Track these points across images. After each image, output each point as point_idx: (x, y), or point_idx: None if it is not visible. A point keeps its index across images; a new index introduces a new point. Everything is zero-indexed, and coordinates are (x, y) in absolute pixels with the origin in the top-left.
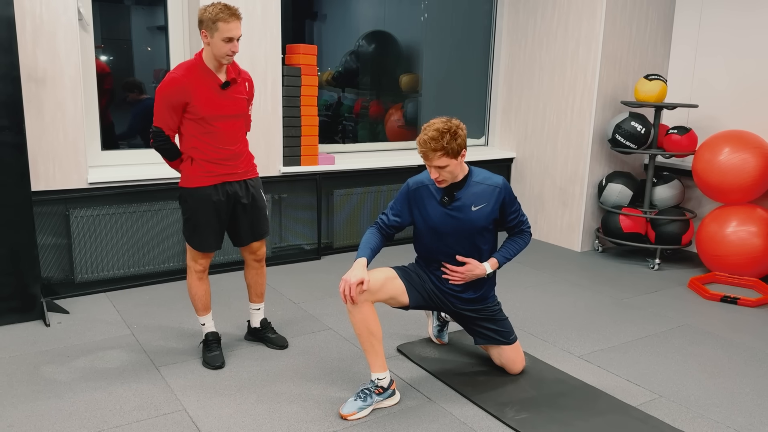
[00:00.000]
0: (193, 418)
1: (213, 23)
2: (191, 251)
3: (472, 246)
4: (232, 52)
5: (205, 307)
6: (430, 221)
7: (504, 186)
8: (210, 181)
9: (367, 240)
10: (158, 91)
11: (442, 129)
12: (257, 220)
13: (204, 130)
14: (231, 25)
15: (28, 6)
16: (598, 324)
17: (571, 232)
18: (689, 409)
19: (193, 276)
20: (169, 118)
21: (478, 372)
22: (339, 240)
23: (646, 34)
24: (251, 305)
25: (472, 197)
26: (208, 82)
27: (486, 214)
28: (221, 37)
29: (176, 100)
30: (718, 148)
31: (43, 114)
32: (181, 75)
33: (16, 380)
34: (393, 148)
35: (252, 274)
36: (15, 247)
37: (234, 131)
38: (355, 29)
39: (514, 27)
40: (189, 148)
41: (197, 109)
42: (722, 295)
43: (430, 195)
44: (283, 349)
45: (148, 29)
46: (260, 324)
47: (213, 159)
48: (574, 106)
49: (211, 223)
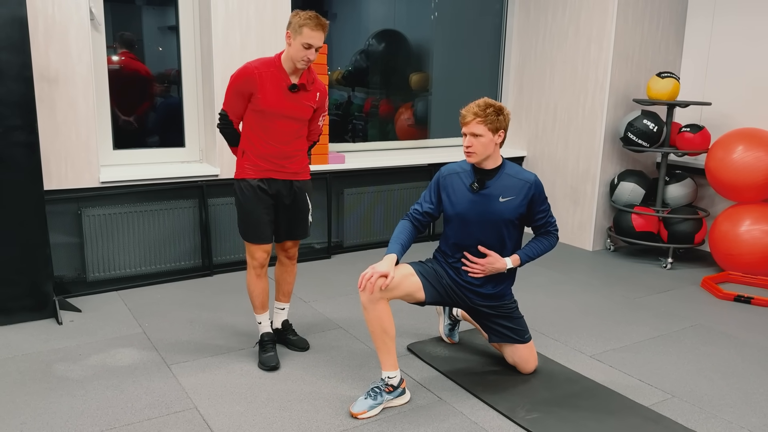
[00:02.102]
0: (204, 416)
1: (299, 27)
2: (247, 246)
3: (496, 239)
4: (307, 59)
5: (263, 305)
6: (457, 207)
7: (535, 183)
8: (255, 174)
9: (398, 234)
10: (232, 77)
11: (489, 102)
12: (296, 222)
13: (261, 123)
14: (315, 33)
15: (41, 6)
16: (610, 323)
17: (583, 231)
18: (702, 410)
19: (251, 272)
20: (235, 104)
21: (489, 371)
22: (349, 239)
23: (658, 32)
24: (276, 304)
25: (501, 188)
26: (278, 80)
27: (513, 207)
28: (302, 42)
29: (244, 88)
30: (732, 146)
31: (55, 113)
32: (255, 67)
33: (29, 378)
34: (403, 147)
35: (281, 270)
36: (28, 245)
37: (289, 132)
38: (365, 28)
39: (525, 25)
40: (244, 139)
41: (259, 101)
42: (736, 294)
43: (461, 182)
44: (304, 351)
45: (159, 29)
46: (282, 325)
47: (261, 154)
48: (586, 105)
49: (260, 214)
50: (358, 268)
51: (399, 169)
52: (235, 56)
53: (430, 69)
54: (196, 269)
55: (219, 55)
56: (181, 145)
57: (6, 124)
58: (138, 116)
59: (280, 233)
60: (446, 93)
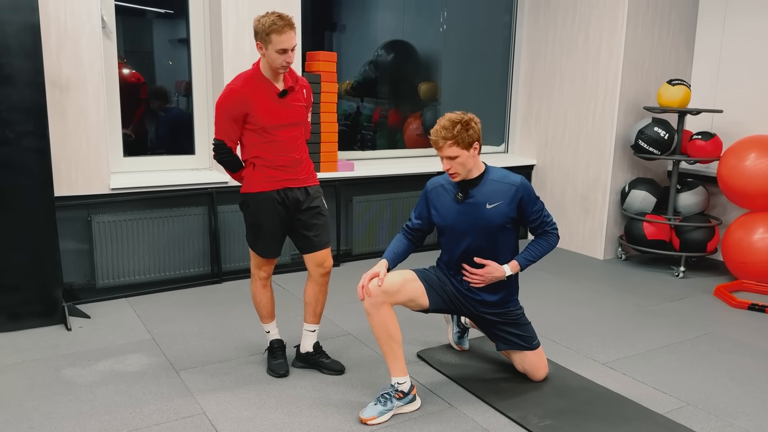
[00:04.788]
0: (212, 421)
1: (266, 35)
2: (255, 258)
3: (491, 246)
4: (287, 63)
5: (270, 314)
6: (446, 219)
7: (522, 185)
8: (272, 186)
9: (392, 245)
10: (218, 103)
11: (454, 119)
12: (323, 227)
13: (265, 139)
14: (284, 36)
15: (53, 13)
16: (622, 331)
17: (594, 240)
18: (718, 417)
19: (257, 283)
20: (230, 130)
21: (499, 378)
22: (358, 247)
23: (668, 39)
24: (306, 326)
25: (487, 195)
26: (267, 92)
27: (502, 212)
28: (275, 49)
29: (236, 111)
30: (744, 153)
31: (66, 120)
32: (240, 86)
33: (38, 383)
34: (412, 155)
35: (315, 290)
36: (38, 251)
37: (294, 139)
38: (374, 39)
39: (534, 34)
40: (251, 157)
41: (257, 119)
42: (750, 303)
43: (446, 194)
44: (340, 374)
45: (170, 41)
46: (313, 348)
47: (275, 165)
48: (596, 112)
49: (275, 228)
50: None
51: (408, 177)
52: (245, 63)
53: (439, 78)
54: (206, 276)
55: (229, 63)
56: (191, 152)
57: (18, 130)
58: (135, 125)
59: (310, 244)
60: (455, 102)
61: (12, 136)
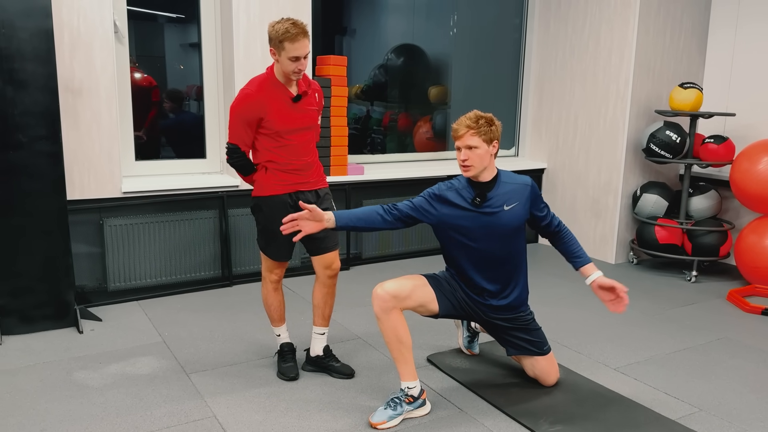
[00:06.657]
0: (222, 424)
1: (280, 42)
2: (267, 261)
3: (504, 252)
4: (299, 70)
5: (281, 317)
6: (461, 226)
7: (532, 183)
8: (284, 190)
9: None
10: (233, 107)
11: (480, 114)
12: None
13: (278, 144)
14: (297, 44)
15: (66, 18)
16: (634, 336)
17: (605, 244)
18: (731, 423)
19: (268, 287)
20: (244, 134)
21: (510, 383)
22: (368, 251)
23: (680, 42)
24: (315, 329)
25: (504, 196)
26: (281, 96)
27: (519, 213)
28: (288, 56)
29: (251, 115)
30: (757, 157)
31: (79, 124)
32: (254, 91)
33: (50, 385)
34: (422, 159)
35: (323, 293)
36: (50, 254)
37: (306, 142)
38: (384, 43)
39: (544, 38)
40: (264, 161)
41: (271, 123)
42: (763, 308)
43: (461, 198)
44: (350, 378)
45: (181, 46)
46: (323, 351)
47: (287, 169)
48: (607, 116)
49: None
50: (376, 279)
51: (418, 181)
52: (256, 67)
53: (449, 82)
54: (216, 279)
55: (240, 67)
56: (202, 156)
57: (31, 134)
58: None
59: (319, 246)
60: (465, 106)
61: (25, 140)
